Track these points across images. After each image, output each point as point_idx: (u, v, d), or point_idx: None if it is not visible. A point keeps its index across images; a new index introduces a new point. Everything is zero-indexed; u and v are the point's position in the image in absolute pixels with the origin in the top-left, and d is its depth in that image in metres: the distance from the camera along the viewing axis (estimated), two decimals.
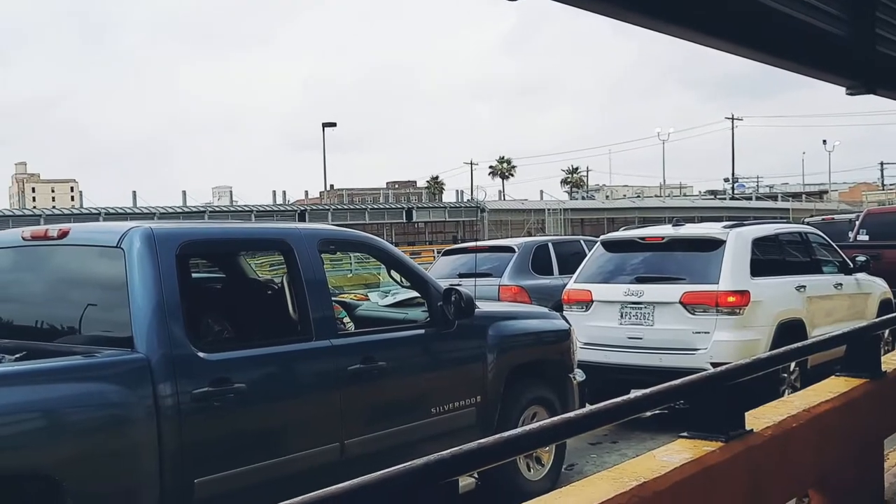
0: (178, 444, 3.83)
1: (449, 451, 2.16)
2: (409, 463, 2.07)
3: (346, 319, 5.33)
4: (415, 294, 5.70)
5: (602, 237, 9.30)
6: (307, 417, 4.52)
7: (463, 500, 4.99)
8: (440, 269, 11.36)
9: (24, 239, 4.56)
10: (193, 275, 5.39)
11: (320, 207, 56.37)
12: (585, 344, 8.14)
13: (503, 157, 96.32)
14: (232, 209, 54.55)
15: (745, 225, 8.69)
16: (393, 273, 5.51)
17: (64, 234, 4.33)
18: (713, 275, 7.80)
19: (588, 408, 3.28)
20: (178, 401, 3.86)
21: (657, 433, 7.38)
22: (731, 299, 7.65)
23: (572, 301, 8.59)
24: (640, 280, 8.22)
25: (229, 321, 4.70)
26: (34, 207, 63.31)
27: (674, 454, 3.04)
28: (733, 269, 7.81)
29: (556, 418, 2.88)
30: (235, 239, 5.06)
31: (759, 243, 8.31)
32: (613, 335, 8.11)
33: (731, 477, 3.16)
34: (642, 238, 8.69)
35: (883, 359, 4.90)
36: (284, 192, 63.31)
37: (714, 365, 5.95)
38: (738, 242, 8.05)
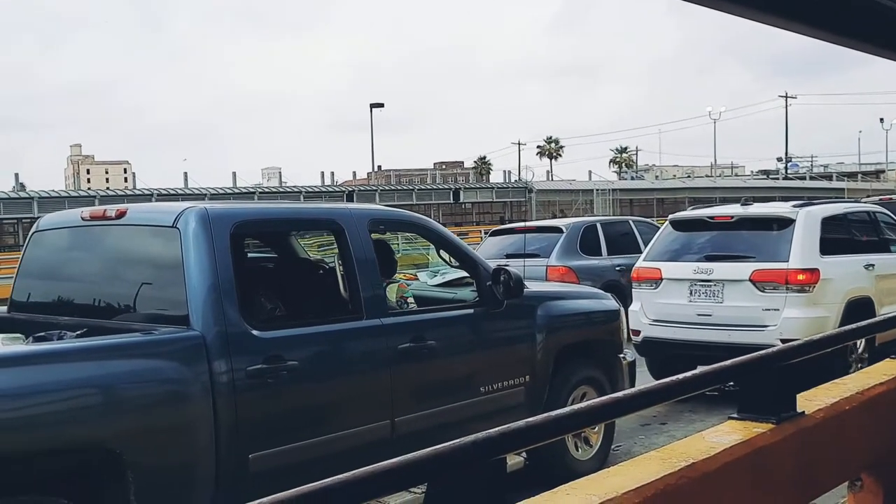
0: (232, 420, 3.91)
1: (497, 429, 2.15)
2: (457, 440, 2.07)
3: (411, 299, 5.36)
4: (463, 274, 5.72)
5: (671, 216, 9.35)
6: (358, 395, 4.58)
7: (512, 478, 5.04)
8: (487, 250, 11.37)
9: (83, 219, 4.68)
10: (246, 254, 5.47)
11: (368, 188, 56.74)
12: (654, 321, 8.41)
13: (551, 138, 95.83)
14: (281, 190, 55.16)
15: (814, 204, 8.73)
16: (442, 253, 5.53)
17: (121, 214, 4.44)
18: (783, 253, 7.93)
19: (636, 388, 3.29)
20: (232, 377, 3.93)
21: (706, 415, 7.38)
22: (800, 277, 7.76)
23: (641, 279, 8.71)
24: (709, 258, 8.32)
25: (281, 300, 4.77)
26: (89, 189, 64.67)
27: (723, 435, 2.99)
28: (803, 248, 7.91)
29: (604, 398, 2.86)
30: (287, 219, 5.13)
31: (828, 222, 8.37)
32: (682, 312, 8.25)
33: (782, 459, 3.12)
34: (711, 217, 8.80)
35: None
36: (333, 174, 64.02)
37: (783, 341, 5.96)
38: (808, 221, 8.13)
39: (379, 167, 76.47)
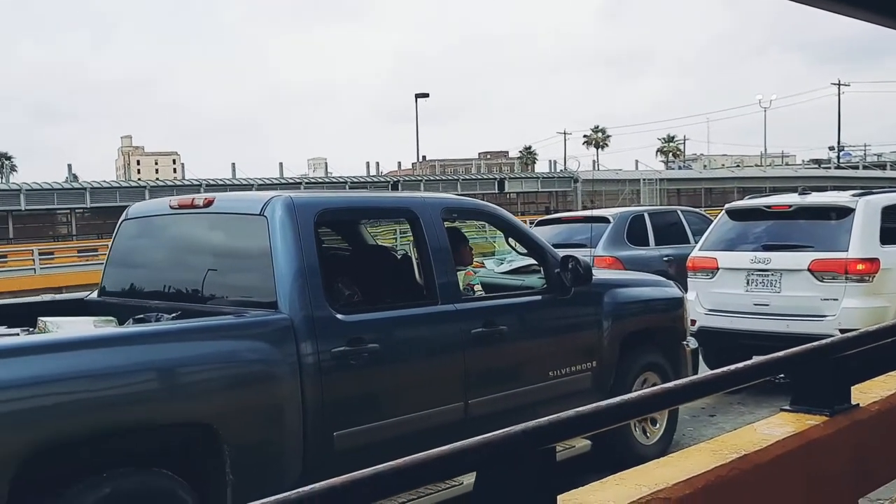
0: (318, 399, 4.08)
1: (546, 418, 2.18)
2: (506, 429, 2.09)
3: (478, 287, 5.50)
4: (530, 261, 5.84)
5: (727, 206, 9.35)
6: (434, 377, 4.73)
7: (579, 461, 5.17)
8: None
9: (171, 207, 4.90)
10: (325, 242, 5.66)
11: (413, 178, 56.91)
12: (710, 310, 8.39)
13: (597, 127, 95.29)
14: (327, 180, 55.53)
15: (873, 193, 8.67)
16: (510, 240, 5.66)
17: (209, 203, 4.64)
18: (842, 242, 7.88)
19: (687, 378, 3.27)
20: (318, 359, 4.10)
21: (755, 407, 7.39)
22: (860, 267, 7.71)
23: (697, 268, 8.71)
24: (766, 248, 8.30)
25: (358, 286, 4.94)
26: (139, 179, 65.84)
27: (775, 427, 3.01)
28: (863, 237, 7.86)
29: (652, 388, 2.81)
30: (366, 207, 5.30)
31: (888, 211, 8.29)
32: (739, 301, 8.24)
33: (836, 452, 3.11)
34: (768, 206, 8.76)
35: None
36: (378, 164, 64.34)
37: (842, 331, 5.97)
38: (868, 210, 8.07)
39: (423, 157, 76.66)
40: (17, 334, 4.26)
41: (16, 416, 3.23)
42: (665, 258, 11.19)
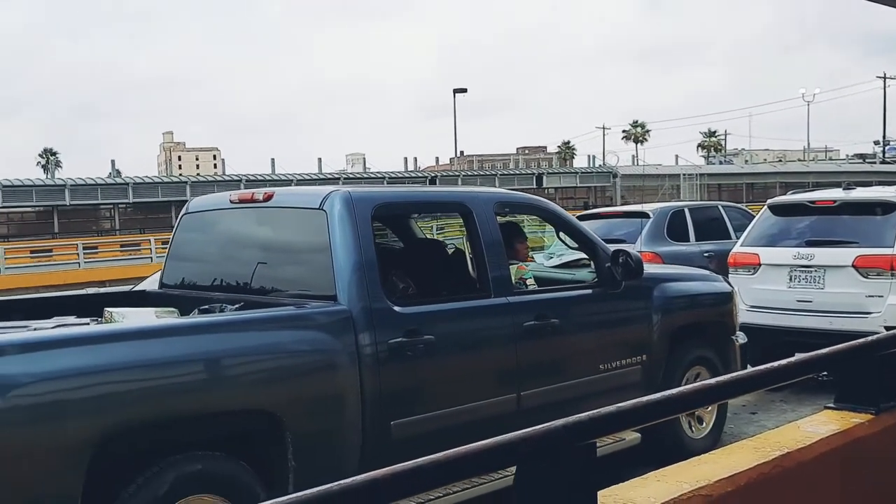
0: (376, 388, 4.17)
1: (587, 413, 2.18)
2: (547, 424, 2.09)
3: (531, 281, 5.56)
4: (580, 255, 5.89)
5: (769, 201, 9.26)
6: (487, 369, 4.81)
7: (628, 454, 5.21)
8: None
9: (231, 202, 5.02)
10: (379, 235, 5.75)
11: (450, 173, 56.97)
12: (751, 307, 8.30)
13: (637, 121, 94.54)
14: (365, 176, 55.76)
15: None
16: (561, 234, 5.71)
17: (269, 198, 4.75)
18: (888, 238, 7.80)
19: (728, 375, 3.23)
20: (376, 349, 4.20)
21: (797, 405, 7.35)
22: None
23: (738, 264, 8.66)
24: (810, 243, 8.22)
25: (412, 278, 5.03)
26: (180, 174, 66.56)
27: (819, 425, 2.98)
28: None
29: (693, 385, 2.77)
30: (421, 201, 5.39)
31: None
32: (781, 298, 8.18)
33: (882, 450, 3.07)
34: (812, 202, 8.67)
35: None
36: (416, 159, 64.38)
37: (888, 328, 5.93)
38: None
39: (461, 152, 76.83)
40: (87, 324, 4.40)
41: (94, 401, 3.37)
42: (706, 254, 11.06)
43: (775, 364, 2.91)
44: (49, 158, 79.37)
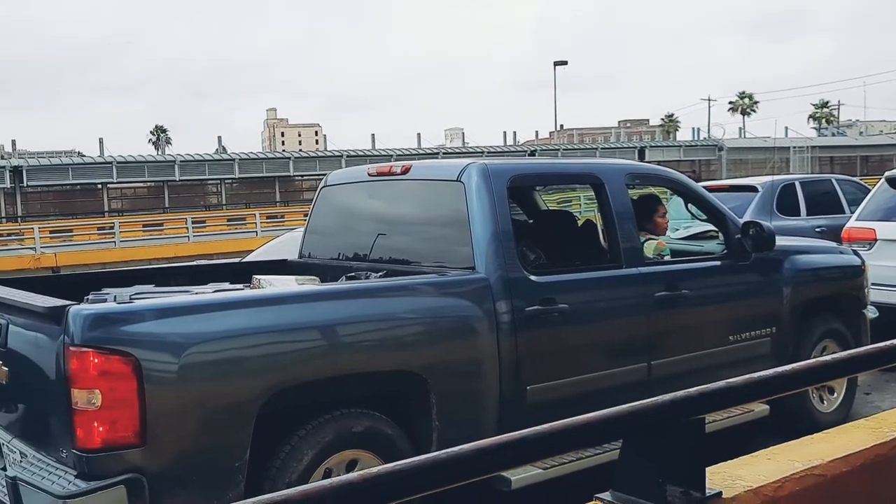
0: (513, 354, 4.31)
1: (696, 388, 2.15)
2: (655, 398, 2.08)
3: (668, 257, 5.60)
4: (707, 227, 5.87)
5: (887, 173, 8.95)
6: (620, 338, 4.88)
7: (758, 424, 5.22)
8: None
9: (369, 175, 5.23)
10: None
11: (550, 147, 56.46)
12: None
13: (744, 93, 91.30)
14: (464, 150, 55.88)
15: None
16: (690, 207, 5.71)
17: (407, 171, 4.93)
18: None
19: (847, 352, 3.10)
20: (513, 317, 4.33)
21: None
22: None
23: (853, 239, 8.42)
24: None
25: (543, 248, 5.13)
26: (283, 150, 68.17)
27: None
28: None
29: (805, 362, 2.68)
30: (553, 173, 5.49)
31: None
32: None
33: None
34: None
35: None
36: (515, 133, 63.96)
37: None
38: None
39: (561, 126, 75.95)
40: (242, 289, 4.68)
41: (263, 359, 3.62)
42: (817, 229, 10.70)
43: (893, 342, 2.78)
44: (160, 136, 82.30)
